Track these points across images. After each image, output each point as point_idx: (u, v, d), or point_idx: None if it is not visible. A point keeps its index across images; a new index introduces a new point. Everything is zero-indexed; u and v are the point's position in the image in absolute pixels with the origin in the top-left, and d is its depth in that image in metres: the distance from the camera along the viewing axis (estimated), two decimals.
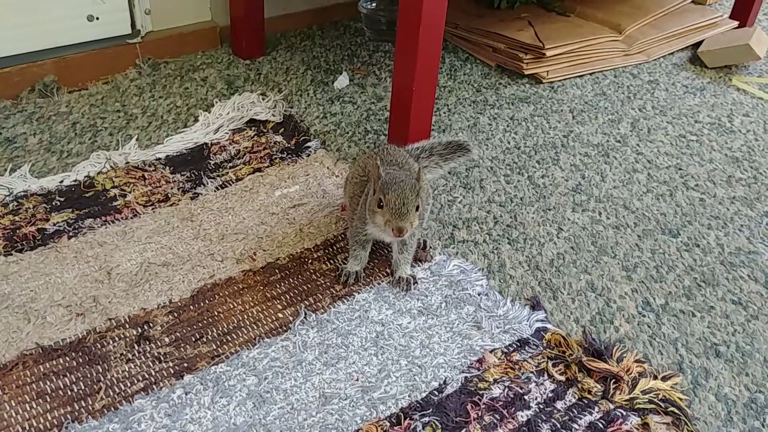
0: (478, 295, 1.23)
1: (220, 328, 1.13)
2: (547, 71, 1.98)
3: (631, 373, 1.10)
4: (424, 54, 1.45)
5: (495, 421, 1.01)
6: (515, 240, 1.39)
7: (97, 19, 1.75)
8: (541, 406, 1.04)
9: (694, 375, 1.13)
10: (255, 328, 1.13)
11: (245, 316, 1.15)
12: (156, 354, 1.07)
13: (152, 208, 1.37)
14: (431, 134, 1.65)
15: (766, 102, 1.97)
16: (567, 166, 1.63)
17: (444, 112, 1.80)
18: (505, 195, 1.52)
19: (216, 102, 1.72)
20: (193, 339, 1.11)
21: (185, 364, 1.06)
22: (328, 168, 1.53)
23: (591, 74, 2.05)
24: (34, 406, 0.98)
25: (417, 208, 1.12)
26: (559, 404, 1.05)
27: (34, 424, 0.96)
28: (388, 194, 1.10)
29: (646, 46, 2.17)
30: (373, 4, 2.13)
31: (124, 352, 1.07)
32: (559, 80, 1.99)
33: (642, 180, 1.61)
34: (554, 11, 2.22)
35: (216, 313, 1.15)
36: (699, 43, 2.22)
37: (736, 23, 2.31)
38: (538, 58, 1.98)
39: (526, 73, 1.97)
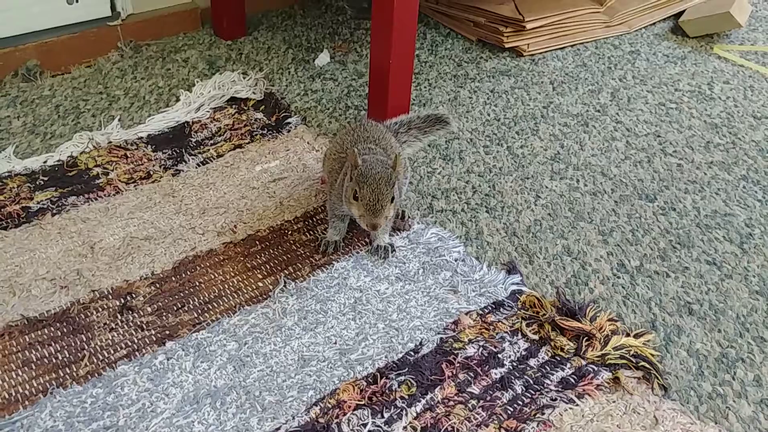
0: (455, 261, 1.26)
1: (202, 298, 1.15)
2: (528, 44, 1.99)
3: (603, 331, 1.12)
4: (399, 28, 1.47)
5: (469, 378, 1.04)
6: (493, 208, 1.41)
7: (77, 1, 1.76)
8: (515, 364, 1.07)
9: (666, 332, 1.16)
10: (236, 296, 1.16)
11: (226, 286, 1.18)
12: (138, 323, 1.10)
13: (134, 185, 1.39)
14: (411, 108, 1.67)
15: (747, 69, 1.98)
16: (546, 136, 1.65)
17: (425, 87, 1.82)
18: (483, 165, 1.54)
19: (197, 82, 1.73)
20: (175, 308, 1.13)
21: (167, 332, 1.09)
22: (308, 143, 1.55)
23: (572, 46, 2.06)
24: (20, 373, 1.01)
25: (392, 200, 1.14)
26: (532, 362, 1.08)
27: (20, 390, 0.99)
28: (363, 188, 1.12)
29: (627, 17, 2.18)
30: None
31: (108, 322, 1.10)
32: (540, 53, 2.01)
33: (620, 148, 1.63)
34: None
35: (197, 284, 1.18)
36: (681, 13, 2.23)
37: None
38: (519, 32, 1.99)
39: (507, 46, 1.99)
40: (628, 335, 1.13)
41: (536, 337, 1.12)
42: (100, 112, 1.63)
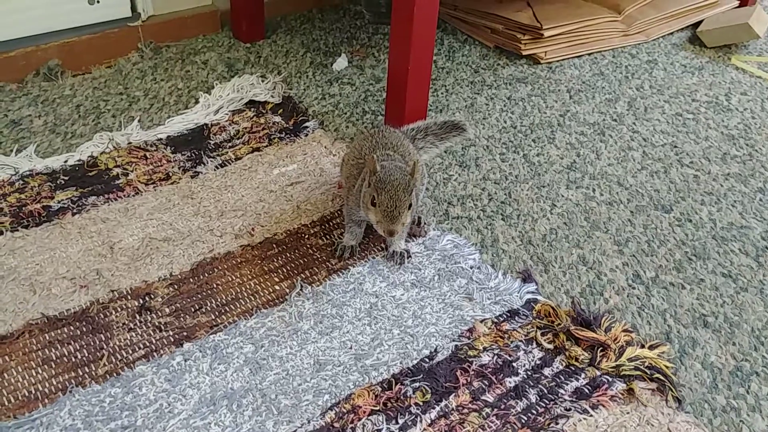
0: (471, 268, 1.26)
1: (219, 300, 1.16)
2: (546, 52, 2.00)
3: (618, 342, 1.12)
4: (418, 34, 1.47)
5: (483, 386, 1.04)
6: (509, 216, 1.42)
7: (98, 2, 1.79)
8: (529, 373, 1.07)
9: (681, 344, 1.16)
10: (252, 299, 1.17)
11: (243, 289, 1.19)
12: (157, 323, 1.11)
13: (154, 187, 1.41)
14: (428, 114, 1.67)
15: (765, 80, 1.97)
16: (562, 144, 1.65)
17: (442, 93, 1.82)
18: (500, 173, 1.54)
19: (216, 84, 1.75)
20: (193, 310, 1.14)
21: (185, 333, 1.10)
22: (325, 147, 1.56)
23: (589, 54, 2.06)
24: (40, 371, 1.02)
25: (410, 206, 1.15)
26: (547, 371, 1.08)
27: (40, 388, 1.00)
28: (381, 195, 1.13)
29: (645, 26, 2.18)
30: None
31: (126, 322, 1.11)
32: (558, 61, 2.01)
33: (637, 157, 1.62)
34: None
35: (215, 286, 1.19)
36: (699, 23, 2.23)
37: (736, 2, 2.31)
38: (536, 39, 1.99)
39: (524, 53, 1.99)
40: (642, 346, 1.13)
41: (551, 346, 1.12)
42: (120, 112, 1.65)
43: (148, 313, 1.13)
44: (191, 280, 1.20)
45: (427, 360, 1.08)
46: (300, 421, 0.98)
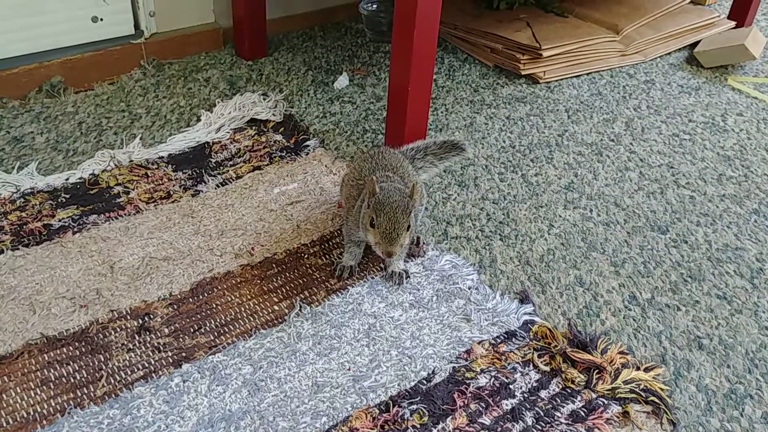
0: (469, 289, 1.27)
1: (218, 320, 1.17)
2: (544, 71, 2.02)
3: (614, 364, 1.13)
4: (419, 54, 1.49)
5: (480, 409, 1.05)
6: (507, 236, 1.43)
7: (102, 20, 1.81)
8: (526, 395, 1.08)
9: (676, 366, 1.17)
10: (251, 319, 1.18)
11: (242, 309, 1.20)
12: (156, 344, 1.12)
13: (154, 205, 1.42)
14: (428, 133, 1.69)
15: (761, 101, 1.99)
16: (560, 164, 1.67)
17: (441, 112, 1.84)
18: (498, 193, 1.55)
19: (218, 102, 1.76)
20: (192, 330, 1.15)
21: (183, 354, 1.11)
22: (326, 166, 1.57)
23: (588, 74, 2.08)
24: (39, 392, 1.03)
25: (408, 228, 1.16)
26: (543, 393, 1.09)
27: (38, 410, 1.00)
28: (380, 216, 1.14)
29: (643, 47, 2.20)
30: (374, 6, 2.17)
31: (125, 342, 1.12)
32: (556, 80, 2.03)
33: (634, 178, 1.64)
34: (552, 12, 2.26)
35: (214, 306, 1.20)
36: (696, 44, 2.25)
37: (733, 23, 2.33)
38: (535, 59, 2.02)
39: (524, 73, 2.01)
40: (638, 369, 1.14)
41: (547, 368, 1.13)
42: (122, 129, 1.67)
43: (148, 333, 1.14)
44: (191, 300, 1.21)
45: (424, 382, 1.09)
46: None
